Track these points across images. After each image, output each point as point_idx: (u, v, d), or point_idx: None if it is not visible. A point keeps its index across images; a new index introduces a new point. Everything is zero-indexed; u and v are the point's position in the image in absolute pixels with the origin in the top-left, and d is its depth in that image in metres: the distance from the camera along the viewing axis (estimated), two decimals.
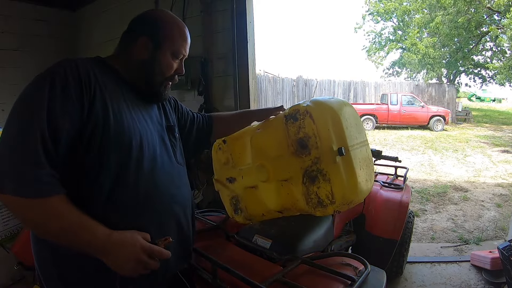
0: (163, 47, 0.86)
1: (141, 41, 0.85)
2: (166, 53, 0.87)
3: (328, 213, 1.03)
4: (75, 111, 0.71)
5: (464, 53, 14.52)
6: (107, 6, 2.92)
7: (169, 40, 0.87)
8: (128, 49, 0.87)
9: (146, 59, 0.86)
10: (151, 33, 0.86)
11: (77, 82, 0.73)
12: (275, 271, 0.98)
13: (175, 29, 0.89)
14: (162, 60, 0.87)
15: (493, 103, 22.98)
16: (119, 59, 0.88)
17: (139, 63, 0.86)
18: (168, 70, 0.89)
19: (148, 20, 0.89)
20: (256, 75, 2.43)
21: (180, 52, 0.90)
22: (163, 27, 0.87)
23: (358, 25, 17.84)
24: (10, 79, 2.84)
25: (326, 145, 0.98)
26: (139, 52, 0.86)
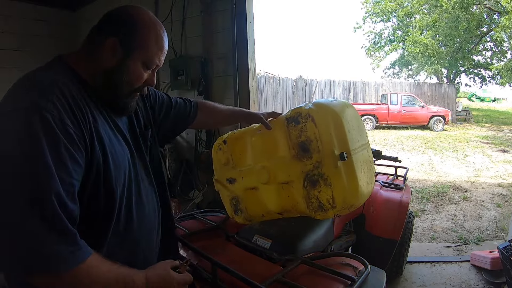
0: (134, 55, 0.74)
1: (109, 43, 0.72)
2: (137, 62, 0.75)
3: (328, 217, 1.03)
4: (80, 158, 0.63)
5: (464, 53, 14.52)
6: (107, 6, 2.91)
7: (142, 47, 0.74)
8: (94, 51, 0.74)
9: (113, 66, 0.73)
10: (122, 35, 0.73)
11: (74, 116, 0.63)
12: (275, 271, 0.98)
13: (151, 34, 0.75)
14: (131, 69, 0.75)
15: (493, 103, 22.96)
16: (85, 62, 0.75)
17: (105, 72, 0.74)
18: (137, 81, 0.77)
19: (121, 19, 0.75)
20: (256, 75, 2.43)
21: (153, 62, 0.77)
22: (137, 30, 0.74)
23: (358, 25, 17.85)
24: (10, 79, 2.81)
25: (328, 150, 0.97)
26: (106, 57, 0.73)
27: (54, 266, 0.56)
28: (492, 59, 15.18)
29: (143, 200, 0.82)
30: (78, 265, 0.58)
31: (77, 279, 0.59)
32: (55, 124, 0.59)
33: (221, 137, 1.31)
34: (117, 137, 0.77)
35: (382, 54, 17.87)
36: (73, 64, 0.74)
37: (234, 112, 1.25)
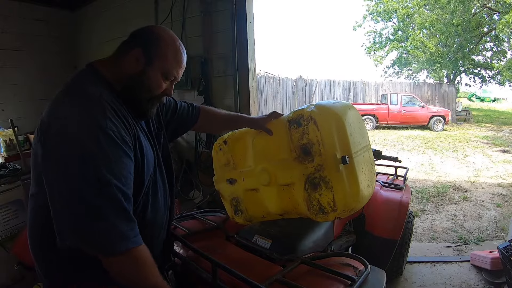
0: (155, 64, 0.84)
1: (134, 52, 0.83)
2: (157, 71, 0.85)
3: (329, 219, 1.03)
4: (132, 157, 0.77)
5: (464, 53, 14.50)
6: (107, 6, 2.93)
7: (162, 58, 0.84)
8: (120, 58, 0.85)
9: (136, 72, 0.84)
10: (145, 46, 0.83)
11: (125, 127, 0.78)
12: (275, 271, 0.98)
13: (170, 49, 0.85)
14: (152, 77, 0.84)
15: (493, 103, 22.95)
16: (112, 68, 0.85)
17: (128, 77, 0.84)
18: (156, 89, 0.86)
19: (146, 34, 0.86)
20: (256, 75, 2.43)
21: (171, 73, 0.87)
22: (159, 44, 0.84)
23: (357, 23, 17.82)
24: (10, 79, 2.84)
25: (330, 153, 0.97)
26: (130, 64, 0.83)
27: (124, 244, 0.70)
28: (492, 59, 15.16)
29: (158, 197, 0.92)
30: (137, 247, 0.72)
31: (135, 259, 0.72)
32: (116, 138, 0.73)
33: (222, 137, 1.30)
34: (147, 139, 0.89)
35: (382, 54, 17.86)
36: (105, 73, 0.84)
37: (234, 118, 1.26)
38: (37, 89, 2.99)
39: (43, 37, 3.02)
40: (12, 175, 2.23)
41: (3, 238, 2.12)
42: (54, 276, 0.82)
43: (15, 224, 2.19)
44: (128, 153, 0.75)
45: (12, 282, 2.06)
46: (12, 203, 2.19)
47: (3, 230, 2.14)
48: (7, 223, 2.16)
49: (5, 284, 2.05)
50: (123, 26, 2.79)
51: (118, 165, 0.72)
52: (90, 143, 0.69)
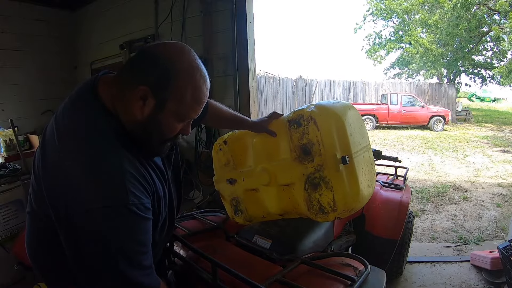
0: (168, 107, 0.68)
1: (140, 93, 0.66)
2: (170, 115, 0.69)
3: (329, 219, 1.03)
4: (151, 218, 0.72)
5: (464, 53, 14.50)
6: (107, 6, 2.92)
7: (177, 99, 0.67)
8: (127, 93, 0.68)
9: (145, 118, 0.69)
10: (156, 84, 0.66)
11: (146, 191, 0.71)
12: (275, 271, 0.98)
13: (188, 85, 0.67)
14: (164, 123, 0.70)
15: (493, 103, 22.94)
16: (120, 108, 0.70)
17: (136, 123, 0.70)
18: (170, 133, 0.74)
19: (158, 63, 0.66)
20: (256, 75, 2.43)
21: (188, 116, 0.72)
22: (174, 80, 0.66)
23: (358, 25, 17.82)
24: (10, 79, 2.84)
25: (329, 153, 0.97)
26: (137, 106, 0.68)
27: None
28: (492, 59, 15.15)
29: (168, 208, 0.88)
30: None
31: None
32: (139, 210, 0.67)
33: (222, 137, 1.31)
34: (158, 177, 0.80)
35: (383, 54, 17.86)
36: (110, 107, 0.70)
37: (238, 120, 1.23)
38: (37, 89, 2.99)
39: (43, 37, 3.02)
40: (12, 175, 2.23)
41: (3, 238, 2.12)
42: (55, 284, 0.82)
43: (15, 224, 2.19)
44: (149, 218, 0.71)
45: (12, 282, 2.06)
46: (12, 203, 2.19)
47: (3, 230, 2.14)
48: (7, 223, 2.16)
49: (5, 284, 2.05)
50: (123, 26, 2.80)
51: (141, 233, 0.68)
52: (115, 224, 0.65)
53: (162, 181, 0.83)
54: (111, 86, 0.71)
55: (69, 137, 0.68)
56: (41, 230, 0.77)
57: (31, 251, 0.82)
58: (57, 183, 0.68)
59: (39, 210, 0.75)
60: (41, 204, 0.72)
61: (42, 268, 0.82)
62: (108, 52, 2.92)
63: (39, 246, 0.81)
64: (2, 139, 2.56)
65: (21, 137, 2.71)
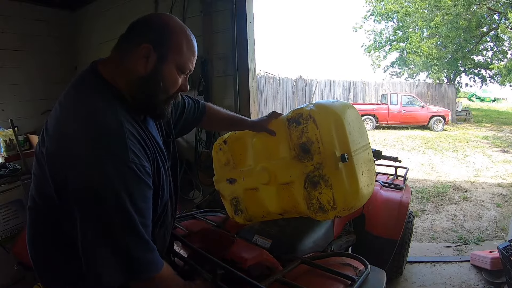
0: (169, 59, 0.74)
1: (143, 50, 0.73)
2: (172, 66, 0.75)
3: (329, 218, 1.03)
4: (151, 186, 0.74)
5: (464, 53, 14.49)
6: (107, 6, 2.93)
7: (176, 51, 0.75)
8: (127, 58, 0.74)
9: (149, 73, 0.74)
10: (156, 40, 0.73)
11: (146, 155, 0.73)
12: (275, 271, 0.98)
13: (183, 39, 0.76)
14: (167, 75, 0.76)
15: (493, 103, 22.94)
16: (119, 73, 0.75)
17: (140, 80, 0.74)
18: (173, 87, 0.78)
19: (153, 25, 0.75)
20: (256, 75, 2.43)
21: (186, 66, 0.78)
22: (171, 35, 0.74)
23: (357, 24, 17.82)
24: (10, 79, 2.84)
25: (329, 151, 0.97)
26: (140, 63, 0.73)
27: (150, 270, 0.71)
28: (492, 59, 15.15)
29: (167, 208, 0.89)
30: (162, 269, 0.73)
31: (162, 280, 0.74)
32: (139, 171, 0.68)
33: (222, 137, 1.31)
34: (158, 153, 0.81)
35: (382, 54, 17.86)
36: (110, 79, 0.75)
37: (237, 121, 1.23)
38: (37, 89, 2.99)
39: (43, 37, 3.02)
40: (12, 175, 2.23)
41: (3, 238, 2.12)
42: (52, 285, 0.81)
43: (15, 224, 2.19)
44: (149, 184, 0.72)
45: (12, 282, 2.06)
46: (12, 203, 2.19)
47: (3, 230, 2.14)
48: (7, 223, 2.16)
49: (5, 284, 2.05)
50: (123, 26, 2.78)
51: (140, 199, 0.69)
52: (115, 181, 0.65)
53: (162, 159, 0.83)
54: (110, 63, 0.77)
55: (70, 106, 0.72)
56: (40, 223, 0.77)
57: (31, 249, 0.82)
58: (59, 151, 0.68)
59: (41, 197, 0.75)
60: (44, 185, 0.72)
61: (40, 267, 0.82)
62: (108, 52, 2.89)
63: (38, 243, 0.80)
64: (2, 139, 2.56)
65: (21, 137, 2.71)
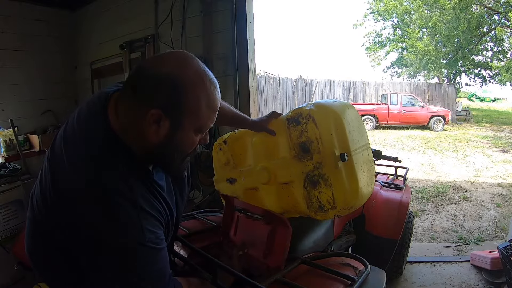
0: (185, 124, 0.64)
1: (152, 117, 0.61)
2: (189, 131, 0.66)
3: (328, 217, 1.03)
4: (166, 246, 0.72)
5: (464, 53, 14.50)
6: (107, 6, 2.92)
7: (193, 114, 0.63)
8: (135, 121, 0.64)
9: (162, 141, 0.64)
10: (166, 104, 0.61)
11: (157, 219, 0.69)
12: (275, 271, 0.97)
13: (201, 97, 0.63)
14: (184, 140, 0.67)
15: (493, 103, 22.93)
16: (130, 135, 0.66)
17: (153, 147, 0.65)
18: (190, 148, 0.70)
19: (161, 83, 0.61)
20: (256, 75, 2.43)
21: (207, 126, 0.68)
22: (185, 95, 0.61)
23: (358, 22, 17.81)
24: (10, 79, 2.84)
25: (328, 150, 0.97)
26: (151, 131, 0.63)
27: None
28: (492, 59, 15.15)
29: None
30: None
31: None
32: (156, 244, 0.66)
33: (222, 137, 1.31)
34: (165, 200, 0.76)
35: (382, 54, 17.87)
36: (122, 136, 0.66)
37: (239, 119, 1.22)
38: (37, 89, 2.99)
39: (43, 37, 3.02)
40: (12, 175, 2.24)
41: (3, 238, 2.12)
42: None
43: (15, 224, 2.19)
44: (164, 248, 0.70)
45: (12, 282, 2.06)
46: (12, 203, 2.19)
47: (3, 230, 2.14)
48: (7, 223, 2.16)
49: (5, 284, 2.05)
50: (123, 26, 2.80)
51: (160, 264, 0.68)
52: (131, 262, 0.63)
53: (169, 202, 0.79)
54: (119, 110, 0.67)
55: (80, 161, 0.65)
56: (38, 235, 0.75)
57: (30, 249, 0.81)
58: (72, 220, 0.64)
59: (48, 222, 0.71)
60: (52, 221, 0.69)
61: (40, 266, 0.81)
62: (108, 52, 2.91)
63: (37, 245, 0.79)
64: (2, 139, 2.56)
65: (21, 137, 2.71)
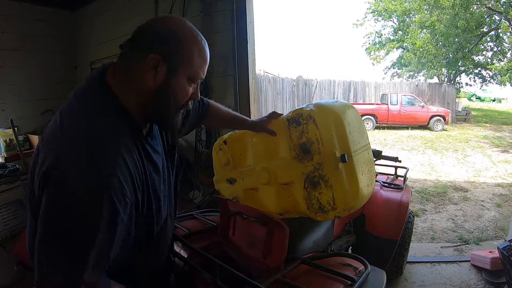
0: (180, 71, 0.71)
1: (152, 61, 0.68)
2: (183, 78, 0.72)
3: (329, 218, 1.04)
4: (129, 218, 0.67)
5: (464, 53, 14.50)
6: (107, 6, 2.92)
7: (187, 62, 0.71)
8: (134, 70, 0.69)
9: (158, 86, 0.70)
10: (165, 51, 0.68)
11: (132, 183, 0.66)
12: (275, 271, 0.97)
13: (195, 49, 0.72)
14: (178, 87, 0.72)
15: (493, 103, 22.94)
16: (126, 87, 0.71)
17: (150, 93, 0.70)
18: (184, 98, 0.75)
19: (161, 34, 0.70)
20: (256, 75, 2.43)
21: (198, 76, 0.75)
22: (181, 46, 0.70)
23: (358, 21, 17.81)
24: (10, 79, 2.84)
25: (329, 151, 0.97)
26: (149, 76, 0.69)
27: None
28: (492, 59, 15.15)
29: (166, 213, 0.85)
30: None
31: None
32: (118, 202, 0.62)
33: (222, 137, 1.31)
34: (157, 170, 0.77)
35: (382, 54, 17.87)
36: (118, 93, 0.70)
37: (238, 121, 1.23)
38: (37, 89, 2.99)
39: (43, 37, 3.02)
40: (12, 175, 2.24)
41: (3, 238, 2.12)
42: None
43: (15, 224, 2.19)
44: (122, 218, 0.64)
45: (12, 282, 2.06)
46: (12, 203, 2.19)
47: (3, 230, 2.14)
48: (7, 223, 2.16)
49: (5, 284, 2.05)
50: (123, 26, 2.79)
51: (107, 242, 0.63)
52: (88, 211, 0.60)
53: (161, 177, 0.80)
54: (117, 71, 0.72)
55: (69, 115, 0.68)
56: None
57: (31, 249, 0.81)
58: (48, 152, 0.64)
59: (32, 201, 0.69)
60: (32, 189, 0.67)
61: None
62: (108, 52, 2.90)
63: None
64: (2, 139, 2.56)
65: (21, 137, 2.71)
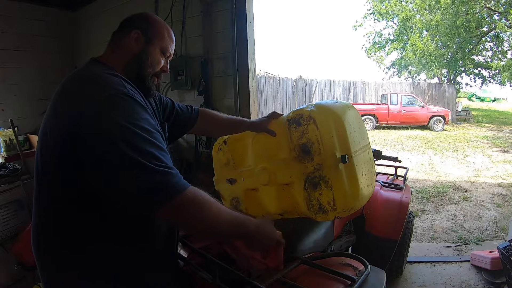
0: (154, 42, 0.92)
1: (133, 34, 0.91)
2: (156, 48, 0.93)
3: (329, 219, 1.03)
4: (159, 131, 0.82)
5: (464, 53, 14.49)
6: (107, 6, 2.92)
7: (159, 36, 0.93)
8: (120, 44, 0.92)
9: (139, 51, 0.91)
10: (143, 27, 0.92)
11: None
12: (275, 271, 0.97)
13: (164, 29, 0.96)
14: (153, 54, 0.93)
15: (493, 103, 22.96)
16: (113, 57, 0.91)
17: (133, 57, 0.91)
18: (157, 64, 0.94)
19: (140, 18, 0.96)
20: (256, 75, 2.43)
21: (167, 50, 0.96)
22: (154, 24, 0.94)
23: (358, 23, 17.81)
24: (10, 79, 2.85)
25: (329, 152, 0.97)
26: (132, 45, 0.91)
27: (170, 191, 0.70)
28: (492, 59, 15.15)
29: None
30: (187, 189, 0.73)
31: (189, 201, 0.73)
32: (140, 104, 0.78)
33: (222, 137, 1.31)
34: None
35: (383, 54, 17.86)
36: (108, 63, 0.89)
37: (236, 122, 1.25)
38: (37, 89, 2.99)
39: (43, 37, 3.02)
40: (12, 175, 2.24)
41: (3, 238, 2.12)
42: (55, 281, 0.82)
43: (15, 224, 2.19)
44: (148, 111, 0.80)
45: (12, 282, 2.06)
46: (12, 203, 2.19)
47: (3, 230, 2.14)
48: (7, 223, 2.16)
49: (5, 284, 2.05)
50: None
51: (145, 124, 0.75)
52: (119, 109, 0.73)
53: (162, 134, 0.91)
54: (105, 52, 0.94)
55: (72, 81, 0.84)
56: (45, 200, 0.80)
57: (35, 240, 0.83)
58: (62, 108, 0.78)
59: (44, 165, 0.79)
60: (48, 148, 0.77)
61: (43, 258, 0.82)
62: None
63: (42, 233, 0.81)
64: (2, 139, 2.56)
65: (21, 137, 2.72)
